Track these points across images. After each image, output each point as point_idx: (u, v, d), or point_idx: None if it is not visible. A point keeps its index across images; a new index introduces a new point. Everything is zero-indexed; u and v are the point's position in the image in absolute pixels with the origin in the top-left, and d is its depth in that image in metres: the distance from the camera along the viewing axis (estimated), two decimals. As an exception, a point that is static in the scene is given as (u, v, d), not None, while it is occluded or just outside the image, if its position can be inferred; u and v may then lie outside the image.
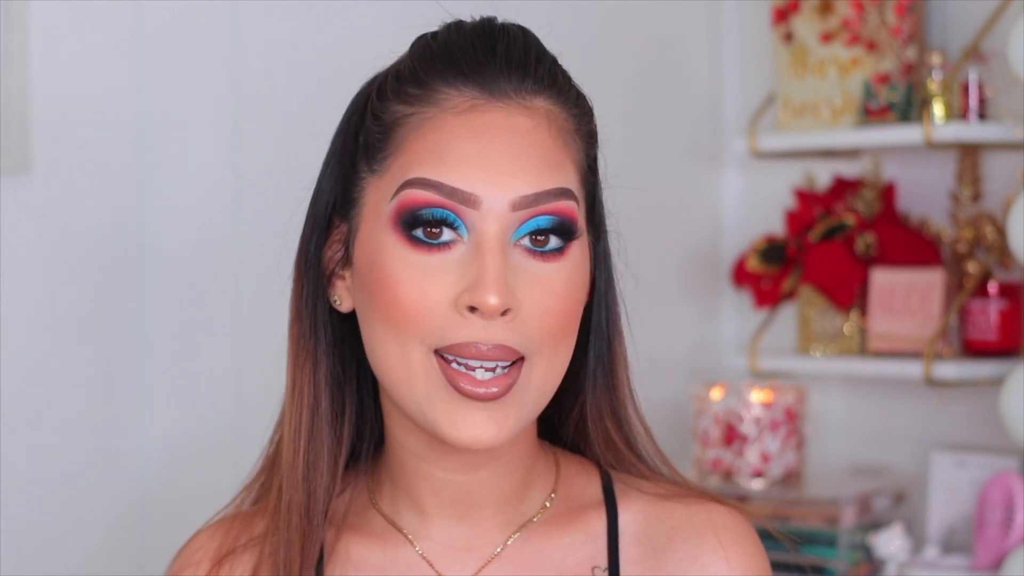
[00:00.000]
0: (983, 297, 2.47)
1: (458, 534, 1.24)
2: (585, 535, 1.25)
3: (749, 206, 2.88)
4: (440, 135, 1.17)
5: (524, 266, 1.16)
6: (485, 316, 1.14)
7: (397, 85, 1.20)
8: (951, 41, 2.57)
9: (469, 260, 1.15)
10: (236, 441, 2.14)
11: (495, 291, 1.13)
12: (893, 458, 2.69)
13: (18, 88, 1.94)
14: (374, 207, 1.19)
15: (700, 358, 2.85)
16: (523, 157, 1.17)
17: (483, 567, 1.23)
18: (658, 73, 2.80)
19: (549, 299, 1.16)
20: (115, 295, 2.06)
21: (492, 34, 1.20)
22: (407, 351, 1.16)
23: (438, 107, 1.18)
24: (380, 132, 1.20)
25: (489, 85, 1.18)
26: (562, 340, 1.18)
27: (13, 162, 1.94)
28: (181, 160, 2.12)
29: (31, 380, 1.98)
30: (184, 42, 2.12)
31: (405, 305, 1.15)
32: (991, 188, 2.53)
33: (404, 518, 1.25)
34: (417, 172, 1.16)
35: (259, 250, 2.16)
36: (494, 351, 1.15)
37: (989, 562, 2.37)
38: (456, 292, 1.14)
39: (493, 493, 1.24)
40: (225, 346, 2.17)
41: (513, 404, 1.16)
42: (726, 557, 1.24)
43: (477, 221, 1.15)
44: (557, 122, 1.20)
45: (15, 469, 1.96)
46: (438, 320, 1.15)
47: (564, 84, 1.22)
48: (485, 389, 1.15)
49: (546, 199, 1.16)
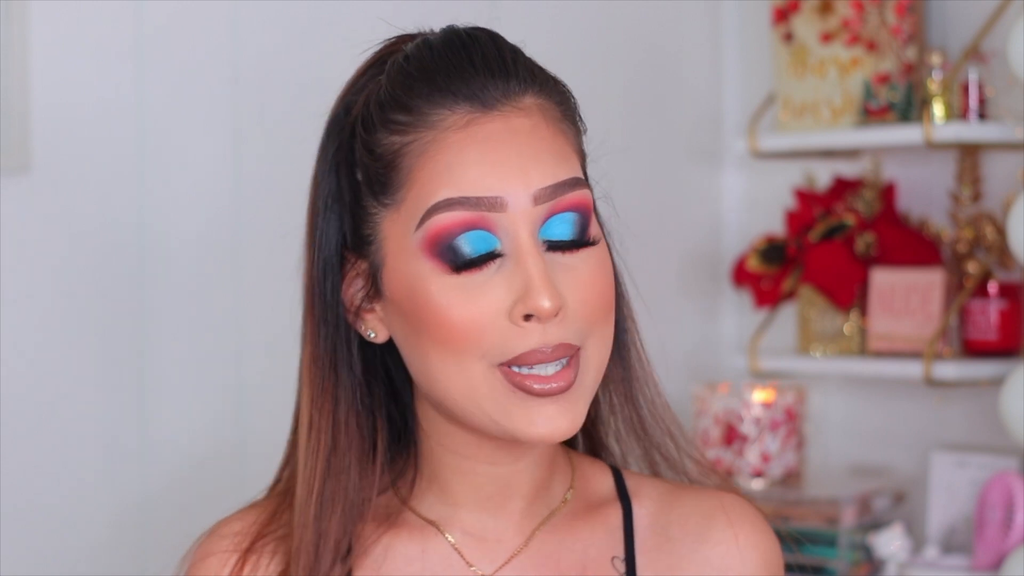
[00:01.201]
0: (983, 297, 2.47)
1: (490, 527, 1.27)
2: (604, 528, 1.30)
3: (749, 206, 2.88)
4: (448, 154, 1.18)
5: (558, 261, 1.19)
6: (542, 320, 1.17)
7: (382, 114, 1.21)
8: (951, 41, 2.57)
9: (511, 269, 1.18)
10: (238, 440, 2.14)
11: (547, 294, 1.16)
12: (893, 458, 2.69)
13: (18, 88, 1.94)
14: (398, 240, 1.20)
15: (700, 358, 2.85)
16: (532, 154, 1.19)
17: (511, 558, 1.27)
18: (658, 73, 2.80)
19: (587, 287, 1.20)
20: (115, 295, 2.05)
21: (465, 45, 1.22)
22: (466, 368, 1.18)
23: (436, 129, 1.19)
24: (382, 167, 1.20)
25: (480, 96, 1.19)
26: (607, 318, 1.22)
27: (13, 162, 1.94)
28: (181, 160, 2.12)
29: (31, 381, 1.98)
30: (184, 43, 2.12)
31: (460, 328, 1.17)
32: (991, 188, 2.53)
33: (435, 511, 1.28)
34: (438, 196, 1.17)
35: (259, 250, 2.16)
36: (558, 351, 1.18)
37: (989, 562, 2.37)
38: (508, 304, 1.17)
39: (527, 482, 1.27)
40: (226, 346, 2.17)
41: (579, 392, 1.20)
42: (735, 535, 1.29)
43: (508, 227, 1.17)
44: (550, 114, 1.22)
45: (15, 469, 1.96)
46: (497, 335, 1.17)
47: (542, 75, 1.24)
48: (555, 384, 1.18)
49: (563, 189, 1.19)
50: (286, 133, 2.20)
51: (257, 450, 1.43)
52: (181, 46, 2.12)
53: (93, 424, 2.03)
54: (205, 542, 1.31)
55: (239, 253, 2.17)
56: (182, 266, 2.12)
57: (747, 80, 2.86)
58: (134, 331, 2.07)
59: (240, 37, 2.18)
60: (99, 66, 2.04)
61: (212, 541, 1.30)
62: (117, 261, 2.06)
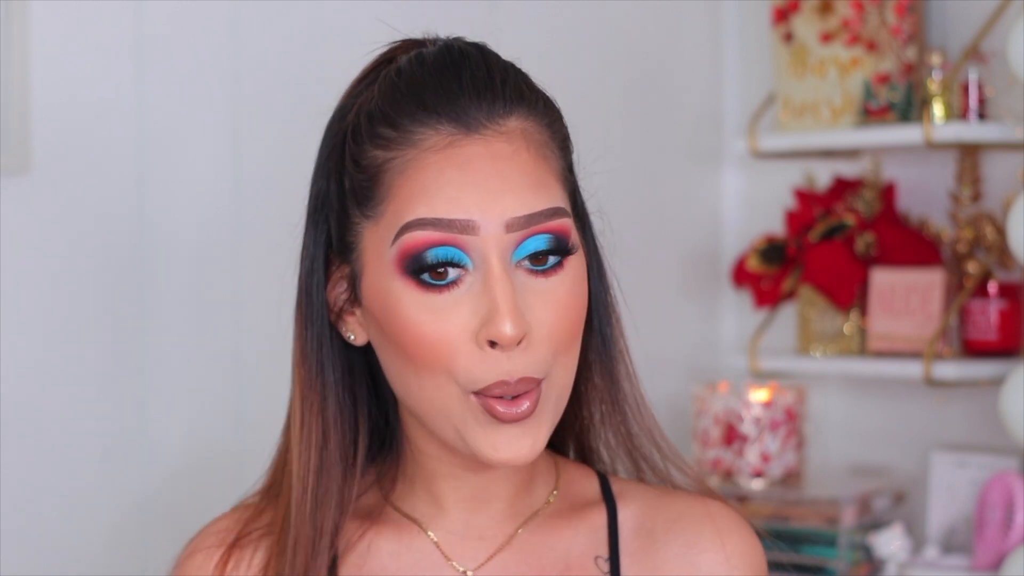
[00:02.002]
0: (983, 297, 2.47)
1: (472, 524, 1.29)
2: (587, 528, 1.31)
3: (749, 206, 2.88)
4: (425, 174, 1.19)
5: (527, 285, 1.20)
6: (504, 348, 1.18)
7: (370, 127, 1.22)
8: (951, 41, 2.57)
9: (479, 291, 1.19)
10: (237, 440, 2.14)
11: (511, 321, 1.17)
12: (893, 458, 2.69)
13: (18, 88, 1.94)
14: (375, 252, 1.22)
15: (700, 358, 2.85)
16: (510, 181, 1.20)
17: (494, 554, 1.29)
18: (658, 73, 2.80)
19: (556, 312, 1.21)
20: (115, 295, 2.05)
21: (455, 63, 1.22)
22: (442, 388, 1.20)
23: (417, 148, 1.20)
24: (366, 180, 1.22)
25: (463, 119, 1.20)
26: (572, 345, 1.24)
27: (13, 162, 1.94)
28: (181, 160, 2.12)
29: (31, 380, 1.98)
30: (184, 43, 2.12)
31: (427, 344, 1.19)
32: (991, 188, 2.53)
33: (419, 510, 1.30)
34: (412, 214, 1.19)
35: (259, 249, 2.16)
36: (520, 384, 1.19)
37: (989, 562, 2.37)
38: (474, 326, 1.19)
39: (507, 486, 1.29)
40: (226, 345, 2.17)
41: (542, 419, 1.22)
42: (723, 543, 1.30)
43: (480, 248, 1.18)
44: (533, 138, 1.22)
45: (15, 469, 1.96)
46: (464, 358, 1.19)
47: (530, 96, 1.25)
48: (517, 409, 1.20)
49: (538, 220, 1.20)
50: (286, 133, 2.21)
51: (257, 450, 1.44)
52: (181, 46, 2.12)
53: (93, 424, 2.03)
54: (192, 540, 1.34)
55: (239, 253, 2.17)
56: (182, 266, 2.12)
57: (747, 80, 2.86)
58: (134, 331, 2.07)
59: (240, 37, 2.18)
60: (99, 66, 2.04)
61: (198, 539, 1.33)
62: (117, 261, 2.06)
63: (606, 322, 1.31)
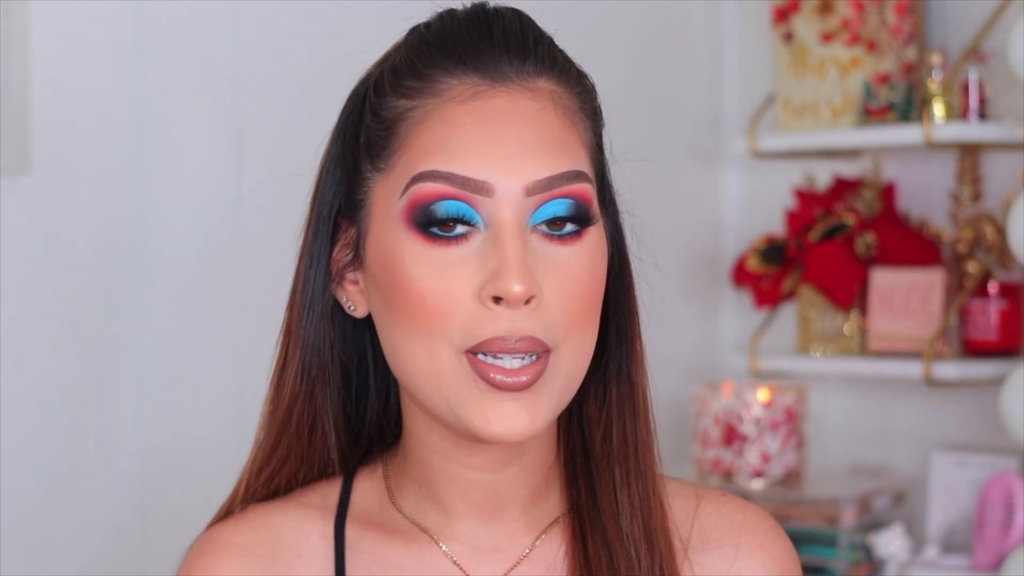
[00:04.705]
0: (983, 297, 2.47)
1: (485, 535, 1.22)
2: None
3: (749, 206, 2.88)
4: (446, 125, 1.14)
5: (543, 251, 1.14)
6: (510, 305, 1.11)
7: (395, 79, 1.17)
8: (951, 41, 2.57)
9: (488, 249, 1.13)
10: (235, 439, 2.14)
11: (518, 278, 1.11)
12: (893, 458, 2.69)
13: (18, 88, 1.94)
14: (383, 206, 1.17)
15: (700, 358, 2.85)
16: (533, 141, 1.14)
17: (513, 567, 1.21)
18: (658, 73, 2.80)
19: (571, 283, 1.14)
20: (115, 294, 2.06)
21: (487, 18, 1.18)
22: (434, 351, 1.13)
23: (440, 97, 1.15)
24: (382, 129, 1.17)
25: (490, 70, 1.15)
26: (587, 325, 1.16)
27: (13, 162, 1.94)
28: (181, 159, 2.13)
29: (30, 379, 1.98)
30: (184, 42, 2.13)
31: (428, 302, 1.13)
32: (991, 188, 2.53)
33: (428, 518, 1.23)
34: (426, 165, 1.14)
35: (259, 249, 2.16)
36: (522, 343, 1.12)
37: (989, 562, 2.37)
38: (478, 284, 1.12)
39: (520, 492, 1.21)
40: (224, 344, 2.17)
41: (544, 393, 1.14)
42: (765, 549, 1.23)
43: (492, 209, 1.13)
44: (562, 102, 1.18)
45: (15, 469, 1.96)
46: (463, 316, 1.12)
47: (564, 64, 1.20)
48: (515, 378, 1.12)
49: (560, 182, 1.14)
50: (286, 133, 2.21)
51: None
52: (181, 46, 2.12)
53: (91, 423, 2.04)
54: (194, 546, 1.29)
55: (239, 253, 2.17)
56: (182, 266, 2.12)
57: (747, 80, 2.86)
58: (134, 330, 2.07)
59: (240, 37, 2.18)
60: (99, 66, 2.04)
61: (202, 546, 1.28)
62: (116, 260, 2.06)
63: (625, 326, 1.24)
